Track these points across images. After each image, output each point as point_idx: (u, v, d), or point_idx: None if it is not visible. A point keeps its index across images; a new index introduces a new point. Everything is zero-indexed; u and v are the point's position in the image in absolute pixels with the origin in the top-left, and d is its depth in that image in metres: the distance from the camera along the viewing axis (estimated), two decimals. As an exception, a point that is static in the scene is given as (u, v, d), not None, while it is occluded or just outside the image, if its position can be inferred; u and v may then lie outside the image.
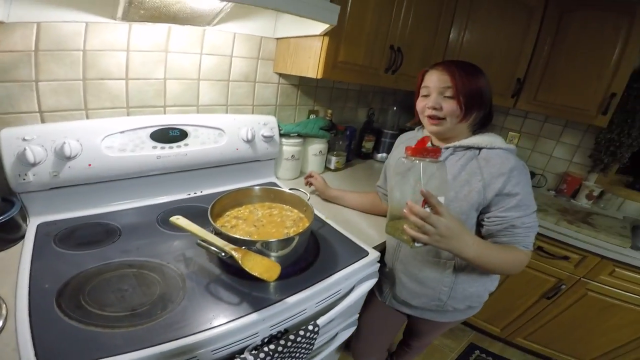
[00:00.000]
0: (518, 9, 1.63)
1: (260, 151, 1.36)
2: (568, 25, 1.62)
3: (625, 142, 1.78)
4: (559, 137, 2.08)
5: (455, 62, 0.91)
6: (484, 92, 0.88)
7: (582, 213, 1.79)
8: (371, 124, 2.04)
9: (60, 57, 0.96)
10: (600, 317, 1.65)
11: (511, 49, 1.70)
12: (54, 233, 0.90)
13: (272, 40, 1.40)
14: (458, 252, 0.78)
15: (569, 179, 2.00)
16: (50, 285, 0.71)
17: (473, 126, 0.94)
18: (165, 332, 0.63)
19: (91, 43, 1.00)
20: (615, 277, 1.55)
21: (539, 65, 1.72)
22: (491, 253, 0.84)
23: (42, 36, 0.91)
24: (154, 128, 1.09)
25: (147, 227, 1.01)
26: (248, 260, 0.74)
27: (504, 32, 1.67)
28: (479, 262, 0.82)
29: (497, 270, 0.88)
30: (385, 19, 1.35)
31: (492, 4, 1.63)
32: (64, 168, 0.93)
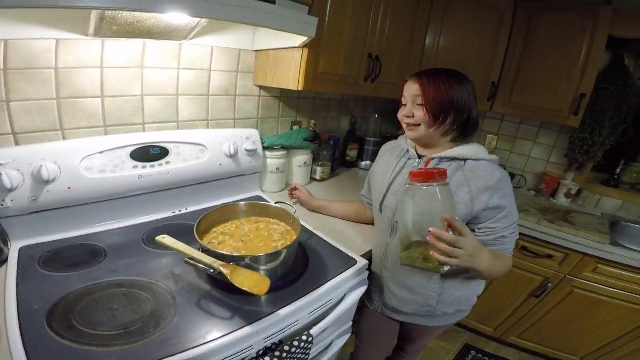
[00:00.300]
0: (489, 14, 1.74)
1: (244, 165, 1.39)
2: (537, 28, 1.74)
3: (598, 141, 1.91)
4: (535, 138, 2.21)
5: (427, 71, 0.97)
6: (456, 99, 0.92)
7: (562, 212, 1.89)
8: (354, 133, 2.11)
9: (31, 75, 0.95)
10: (588, 314, 1.73)
11: (485, 53, 1.81)
12: (37, 256, 0.91)
13: (251, 53, 1.45)
14: (477, 267, 0.84)
15: (547, 179, 2.12)
16: (39, 306, 0.72)
17: (452, 134, 0.98)
18: (161, 349, 0.65)
19: (63, 60, 1.00)
20: (599, 274, 1.63)
21: (512, 68, 1.83)
22: (496, 263, 0.90)
23: (10, 54, 0.90)
24: (133, 147, 1.11)
25: (133, 246, 1.02)
26: (237, 275, 0.77)
27: (477, 36, 1.78)
28: (488, 273, 0.89)
29: (494, 276, 0.94)
30: (363, 29, 1.42)
31: (464, 9, 1.73)
32: (42, 192, 0.93)
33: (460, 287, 1.04)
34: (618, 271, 1.59)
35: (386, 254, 1.09)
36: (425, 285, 1.02)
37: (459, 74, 0.96)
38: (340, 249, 1.13)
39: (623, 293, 1.61)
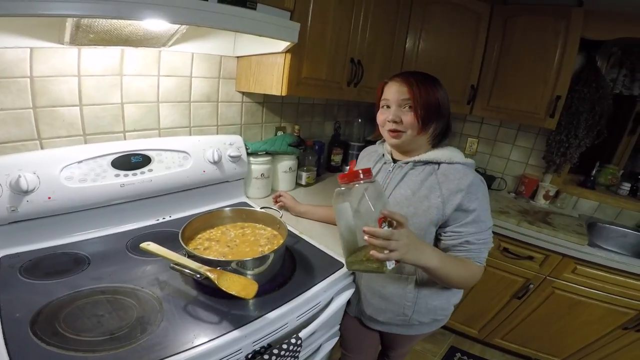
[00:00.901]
0: (467, 17, 1.81)
1: (228, 172, 1.41)
2: (512, 31, 1.81)
3: (574, 143, 1.98)
4: (514, 141, 2.28)
5: (413, 73, 0.96)
6: (441, 103, 0.93)
7: (541, 213, 1.96)
8: (338, 137, 2.15)
9: (5, 85, 0.95)
10: (570, 315, 1.78)
11: (463, 56, 1.87)
12: (18, 265, 0.91)
13: (232, 59, 1.47)
14: (424, 261, 0.82)
15: (526, 181, 2.19)
16: (22, 314, 0.72)
17: (433, 138, 0.98)
18: (148, 354, 0.66)
19: (38, 69, 1.00)
20: (578, 275, 1.69)
21: (489, 71, 1.90)
22: (451, 263, 0.88)
23: None
24: (114, 155, 1.11)
25: (117, 254, 1.02)
26: (224, 280, 0.79)
27: (456, 40, 1.84)
28: (441, 272, 0.86)
29: (455, 282, 0.91)
30: (345, 33, 1.46)
31: (443, 12, 1.78)
32: (22, 202, 0.93)
33: (437, 297, 1.04)
34: (596, 272, 1.64)
35: None
36: (400, 294, 1.02)
37: (434, 77, 0.97)
38: (327, 252, 1.16)
39: (601, 294, 1.65)
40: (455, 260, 0.91)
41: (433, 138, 0.98)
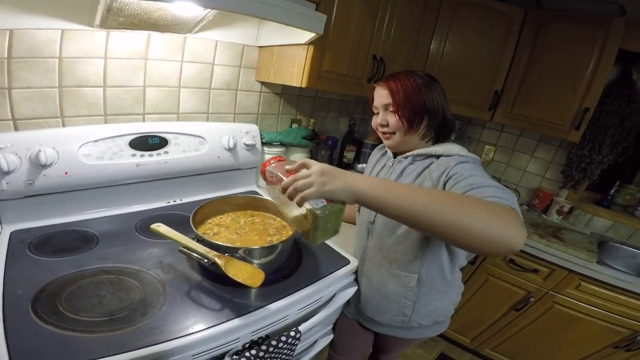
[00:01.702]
0: (497, 21, 1.71)
1: (242, 159, 1.39)
2: (545, 38, 1.70)
3: (596, 159, 1.86)
4: (533, 152, 2.16)
5: (396, 74, 0.93)
6: (427, 102, 0.89)
7: (553, 228, 1.87)
8: (352, 134, 2.09)
9: (35, 64, 0.96)
10: (564, 330, 1.71)
11: (490, 61, 1.77)
12: (28, 240, 0.90)
13: (254, 49, 1.45)
14: (355, 187, 0.67)
15: (541, 195, 2.09)
16: (25, 291, 0.71)
17: (426, 136, 0.94)
18: (146, 337, 0.64)
19: (67, 50, 1.00)
20: (581, 291, 1.61)
21: (516, 77, 1.79)
22: (424, 191, 0.67)
23: (15, 43, 0.91)
24: (133, 136, 1.11)
25: (125, 234, 1.01)
26: (231, 266, 0.76)
27: (483, 43, 1.75)
28: (409, 202, 0.63)
29: (460, 219, 0.61)
30: (369, 29, 1.42)
31: (472, 15, 1.70)
32: (39, 176, 0.93)
33: (438, 296, 0.99)
34: (600, 289, 1.57)
35: (364, 259, 1.06)
36: (400, 292, 0.98)
37: (425, 76, 0.93)
38: (334, 248, 1.12)
39: (600, 311, 1.59)
40: (437, 191, 0.74)
41: (426, 135, 0.94)
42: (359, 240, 1.09)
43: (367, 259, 1.04)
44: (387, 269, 0.98)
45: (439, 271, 0.94)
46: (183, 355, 0.67)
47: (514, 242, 0.59)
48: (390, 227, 0.95)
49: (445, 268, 0.94)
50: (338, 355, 1.26)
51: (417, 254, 0.92)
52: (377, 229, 0.99)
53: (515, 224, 0.61)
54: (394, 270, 0.97)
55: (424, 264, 0.93)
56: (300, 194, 0.67)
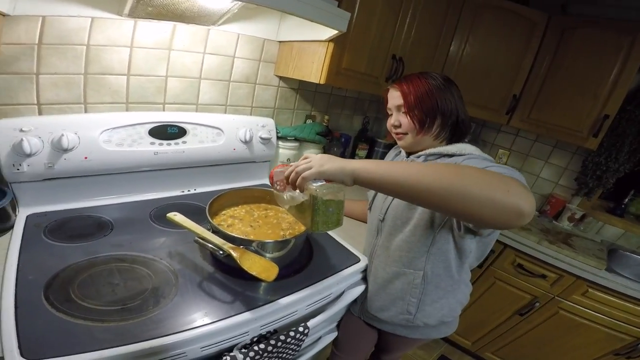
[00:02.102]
0: (520, 25, 1.64)
1: (257, 153, 1.36)
2: (568, 43, 1.62)
3: (612, 167, 1.78)
4: (547, 158, 2.09)
5: (408, 76, 0.91)
6: (440, 103, 0.86)
7: (563, 234, 1.82)
8: (365, 133, 2.05)
9: (63, 51, 0.96)
10: (567, 335, 1.67)
11: (510, 64, 1.71)
12: (44, 224, 0.89)
13: (274, 43, 1.41)
14: (352, 166, 0.68)
15: (553, 201, 2.02)
16: (39, 277, 0.69)
17: (439, 136, 0.91)
18: (156, 328, 0.62)
19: (95, 38, 1.00)
20: (587, 297, 1.57)
21: (536, 82, 1.72)
22: (418, 165, 0.65)
23: (46, 30, 0.91)
24: (153, 124, 1.09)
25: (140, 222, 0.99)
26: (246, 259, 0.74)
27: (504, 47, 1.68)
28: (403, 175, 0.62)
29: (457, 184, 0.57)
30: (390, 29, 1.37)
31: (495, 18, 1.64)
32: (59, 160, 0.92)
33: (444, 294, 0.95)
34: (607, 297, 1.53)
35: (372, 257, 1.02)
36: (405, 289, 0.94)
37: (440, 77, 0.90)
38: (344, 245, 1.09)
39: (605, 318, 1.55)
40: (433, 163, 0.75)
41: (439, 135, 0.90)
42: (369, 238, 1.06)
43: (375, 257, 1.01)
44: (393, 267, 0.95)
45: (445, 268, 0.90)
46: (192, 347, 0.65)
47: (521, 205, 0.54)
48: (399, 225, 0.91)
49: (452, 265, 0.90)
50: (341, 352, 1.23)
51: (423, 251, 0.89)
52: (386, 227, 0.96)
53: (519, 189, 0.56)
54: (400, 268, 0.94)
55: (429, 260, 0.89)
56: (300, 176, 0.70)
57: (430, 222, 0.86)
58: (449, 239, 0.86)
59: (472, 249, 0.89)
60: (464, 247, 0.87)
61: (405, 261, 0.92)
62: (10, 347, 0.51)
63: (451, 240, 0.87)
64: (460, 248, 0.88)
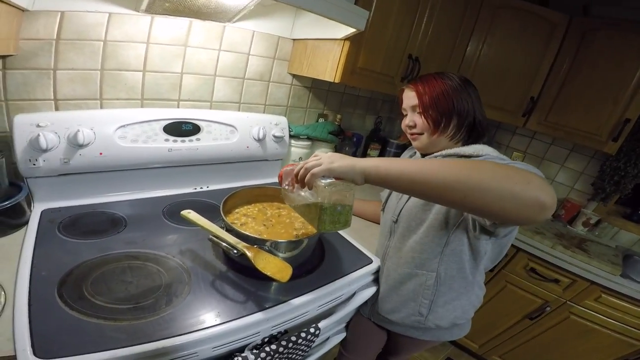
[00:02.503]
0: (540, 26, 1.59)
1: (270, 151, 1.34)
2: (589, 45, 1.57)
3: (631, 173, 1.72)
4: (563, 162, 2.03)
5: (424, 76, 0.90)
6: (456, 103, 0.84)
7: (577, 239, 1.77)
8: (378, 133, 2.01)
9: (81, 46, 0.95)
10: (577, 340, 1.63)
11: (528, 66, 1.66)
12: (58, 220, 0.88)
13: (289, 41, 1.39)
14: (362, 164, 0.66)
15: (568, 206, 1.96)
16: (52, 273, 0.68)
17: (455, 137, 0.88)
18: (169, 327, 0.61)
19: (112, 34, 0.99)
20: (600, 303, 1.53)
21: (555, 84, 1.66)
22: (429, 161, 0.62)
23: (64, 25, 0.91)
24: (167, 121, 1.08)
25: (153, 219, 0.98)
26: (260, 259, 0.72)
27: (522, 48, 1.64)
28: (413, 170, 0.60)
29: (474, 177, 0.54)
30: (406, 28, 1.34)
31: (513, 19, 1.59)
32: (75, 155, 0.91)
33: (457, 296, 0.92)
34: (620, 302, 1.49)
35: (384, 258, 1.00)
36: (417, 290, 0.91)
37: (457, 77, 0.87)
38: (356, 245, 1.06)
39: (617, 324, 1.51)
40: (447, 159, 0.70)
41: (455, 136, 0.88)
42: (381, 239, 1.03)
43: (387, 259, 0.98)
44: (405, 268, 0.92)
45: (459, 270, 0.87)
46: (204, 348, 0.63)
47: (542, 197, 0.51)
48: (413, 227, 0.89)
49: (466, 267, 0.87)
50: (349, 353, 1.21)
51: (436, 252, 0.86)
52: (399, 228, 0.93)
53: (539, 180, 0.53)
54: (412, 269, 0.91)
55: (442, 262, 0.86)
56: (309, 172, 0.68)
57: (444, 223, 0.83)
58: (463, 240, 0.83)
59: (487, 250, 0.85)
60: (478, 248, 0.84)
61: (418, 262, 0.89)
62: (23, 345, 0.50)
63: (466, 242, 0.83)
64: (475, 249, 0.84)
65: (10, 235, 0.81)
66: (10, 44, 0.81)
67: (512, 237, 0.83)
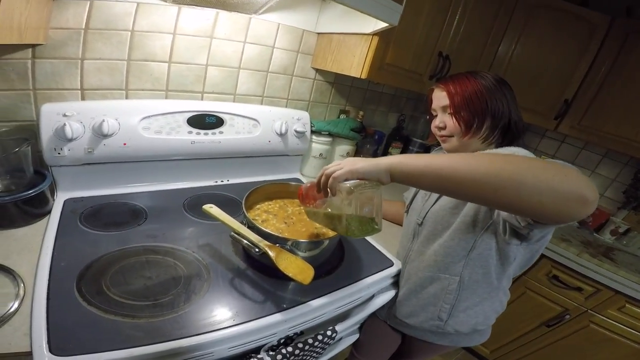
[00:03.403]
0: (578, 27, 1.50)
1: (291, 146, 1.31)
2: (632, 48, 1.46)
3: None
4: (594, 168, 1.92)
5: (455, 75, 0.85)
6: (490, 104, 0.78)
7: (604, 247, 1.68)
8: (400, 131, 1.94)
9: (108, 36, 0.94)
10: (594, 349, 1.56)
11: (563, 68, 1.57)
12: (80, 210, 0.87)
13: (313, 35, 1.34)
14: (386, 161, 0.62)
15: (596, 213, 1.84)
16: (72, 266, 0.66)
17: (491, 139, 0.83)
18: (187, 326, 0.58)
19: (140, 24, 0.97)
20: (623, 312, 1.46)
21: (591, 87, 1.56)
22: (454, 155, 0.58)
23: (93, 14, 0.89)
24: (191, 113, 1.05)
25: (173, 211, 0.96)
26: (282, 259, 0.69)
27: (559, 49, 1.54)
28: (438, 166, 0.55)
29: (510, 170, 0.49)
30: (438, 25, 1.28)
31: (550, 19, 1.50)
32: (99, 145, 0.90)
33: (480, 301, 0.86)
34: None
35: (406, 261, 0.95)
36: (438, 295, 0.86)
37: (491, 77, 0.82)
38: (376, 247, 1.01)
39: (637, 334, 1.44)
40: (481, 153, 0.63)
41: (488, 138, 0.82)
42: (404, 242, 0.98)
43: (408, 262, 0.93)
44: (427, 272, 0.87)
45: (484, 275, 0.81)
46: (221, 348, 0.61)
47: (583, 191, 0.46)
48: (439, 230, 0.84)
49: (492, 272, 0.81)
50: (361, 355, 1.17)
51: (461, 256, 0.80)
52: (424, 231, 0.88)
53: (577, 174, 0.48)
54: (435, 273, 0.86)
55: (467, 266, 0.81)
56: (331, 176, 0.63)
57: (472, 225, 0.77)
58: (491, 244, 0.78)
59: (517, 255, 0.79)
60: (507, 253, 0.78)
61: (442, 266, 0.84)
62: (39, 342, 0.48)
63: (493, 246, 0.78)
64: (503, 254, 0.78)
65: (33, 224, 0.80)
66: (40, 33, 0.80)
67: (545, 242, 0.77)
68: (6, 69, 0.83)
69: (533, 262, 0.85)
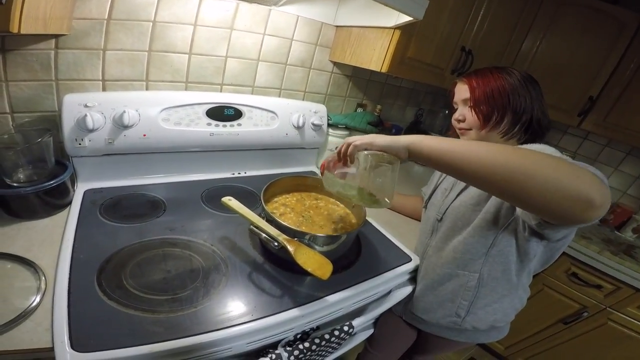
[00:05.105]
0: (607, 24, 1.42)
1: (308, 139, 1.27)
2: None
3: None
4: (617, 165, 1.83)
5: (479, 70, 0.82)
6: (512, 98, 0.75)
7: (625, 245, 1.61)
8: (418, 125, 1.87)
9: (130, 27, 0.91)
10: (611, 347, 1.51)
11: (589, 64, 1.49)
12: (99, 202, 0.85)
13: (331, 28, 1.29)
14: (404, 140, 0.62)
15: (618, 211, 1.77)
16: (92, 259, 0.64)
17: (511, 135, 0.79)
18: (206, 322, 0.56)
19: (161, 15, 0.94)
20: None
21: (618, 85, 1.49)
22: (472, 143, 0.58)
23: (116, 5, 0.87)
24: (210, 105, 1.02)
25: (191, 203, 0.94)
26: (301, 254, 0.66)
27: (585, 46, 1.47)
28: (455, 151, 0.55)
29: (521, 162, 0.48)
30: (461, 20, 1.22)
31: (578, 16, 1.43)
32: (119, 136, 0.88)
33: (498, 298, 0.82)
34: None
35: (423, 257, 0.91)
36: (457, 291, 0.83)
37: (517, 72, 0.78)
38: (394, 242, 0.98)
39: None
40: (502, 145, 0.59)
41: (508, 133, 0.79)
42: (422, 237, 0.95)
43: (426, 257, 0.90)
44: (446, 268, 0.83)
45: (504, 272, 0.78)
46: (239, 343, 0.59)
47: (591, 194, 0.44)
48: (459, 227, 0.80)
49: (511, 269, 0.77)
50: (375, 350, 1.14)
51: (481, 253, 0.77)
52: (443, 226, 0.85)
53: (592, 177, 0.46)
54: (453, 270, 0.82)
55: (487, 263, 0.77)
56: (352, 144, 0.67)
57: (492, 223, 0.74)
58: (511, 241, 0.74)
59: (537, 253, 0.75)
60: (527, 250, 0.74)
61: (460, 262, 0.80)
62: (61, 337, 0.47)
63: (514, 243, 0.74)
64: (523, 251, 0.75)
65: (53, 216, 0.79)
66: (64, 23, 0.78)
67: (566, 242, 0.72)
68: (30, 59, 0.81)
69: (553, 260, 0.80)
